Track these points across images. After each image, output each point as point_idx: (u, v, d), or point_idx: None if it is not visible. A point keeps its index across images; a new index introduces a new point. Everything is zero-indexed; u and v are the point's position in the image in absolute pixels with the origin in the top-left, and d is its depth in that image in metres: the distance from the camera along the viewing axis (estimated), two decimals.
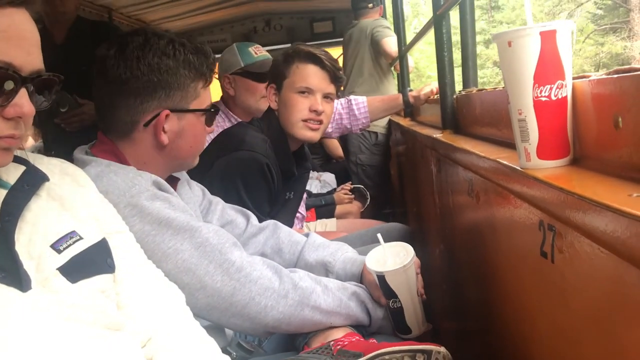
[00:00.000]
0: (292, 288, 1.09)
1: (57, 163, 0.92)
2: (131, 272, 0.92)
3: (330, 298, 1.12)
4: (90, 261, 0.83)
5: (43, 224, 0.80)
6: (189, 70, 1.15)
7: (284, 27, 5.51)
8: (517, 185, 0.87)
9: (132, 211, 1.03)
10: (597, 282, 0.66)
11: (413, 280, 1.21)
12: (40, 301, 0.74)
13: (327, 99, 1.84)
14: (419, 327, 1.23)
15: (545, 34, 0.79)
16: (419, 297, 1.22)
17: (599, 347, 0.68)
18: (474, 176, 1.25)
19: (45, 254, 0.78)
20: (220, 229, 1.12)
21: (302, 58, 1.81)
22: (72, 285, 0.78)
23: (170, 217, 1.05)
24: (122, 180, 1.06)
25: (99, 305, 0.81)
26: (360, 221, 2.72)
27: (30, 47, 0.75)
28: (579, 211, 0.64)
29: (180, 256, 1.04)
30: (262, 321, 1.07)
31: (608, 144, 0.74)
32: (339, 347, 1.07)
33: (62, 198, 0.86)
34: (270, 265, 1.11)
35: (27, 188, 0.80)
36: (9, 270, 0.73)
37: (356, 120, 2.51)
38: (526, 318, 0.97)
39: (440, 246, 1.88)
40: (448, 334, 1.94)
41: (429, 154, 1.93)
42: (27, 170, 0.83)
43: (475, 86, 1.73)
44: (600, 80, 0.75)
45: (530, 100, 0.81)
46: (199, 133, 1.19)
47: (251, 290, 1.06)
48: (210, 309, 1.05)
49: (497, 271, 1.15)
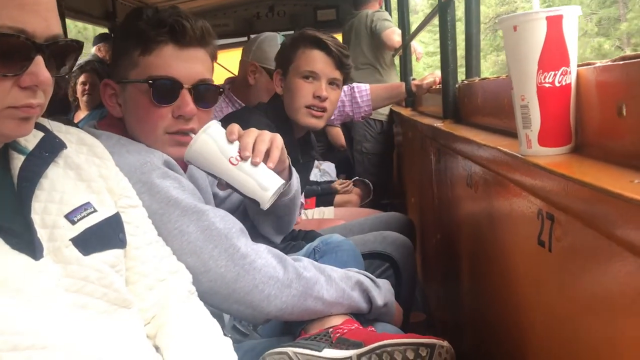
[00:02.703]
0: (296, 278, 1.07)
1: (75, 132, 0.91)
2: (142, 249, 0.92)
3: (333, 289, 1.11)
4: (103, 235, 0.82)
5: (59, 193, 0.79)
6: (128, 36, 1.13)
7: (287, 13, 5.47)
8: (517, 173, 0.86)
9: (142, 188, 1.02)
10: (596, 270, 0.66)
11: (215, 150, 1.05)
12: (52, 270, 0.73)
13: (333, 85, 1.81)
14: (263, 195, 1.05)
15: (551, 18, 0.77)
16: (245, 162, 1.05)
17: (597, 336, 0.67)
18: (473, 165, 1.24)
19: (59, 224, 0.77)
20: (227, 214, 1.10)
21: (308, 43, 1.78)
22: (84, 257, 0.77)
23: (178, 198, 1.05)
24: (134, 157, 1.05)
25: (109, 280, 0.80)
26: (358, 210, 2.71)
27: (47, 12, 0.72)
28: (579, 198, 0.63)
29: (185, 238, 1.03)
30: (265, 309, 1.06)
31: (611, 131, 0.73)
32: (339, 334, 1.06)
33: (79, 167, 0.85)
34: (275, 254, 1.10)
35: (45, 155, 0.79)
36: (23, 237, 0.72)
37: (358, 108, 2.49)
38: (523, 308, 0.97)
39: (437, 236, 1.88)
40: (444, 324, 1.95)
41: (428, 144, 1.92)
42: (46, 136, 0.82)
43: (478, 76, 1.71)
44: (605, 67, 0.74)
45: (534, 86, 0.79)
46: (142, 107, 1.11)
47: (255, 277, 1.05)
48: (212, 294, 1.05)
49: (494, 261, 1.14)
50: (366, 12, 3.69)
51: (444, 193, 1.71)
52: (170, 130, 1.12)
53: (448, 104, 1.73)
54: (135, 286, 0.90)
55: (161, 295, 0.93)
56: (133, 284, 0.90)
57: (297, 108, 1.78)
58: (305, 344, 1.05)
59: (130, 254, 0.90)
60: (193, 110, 1.11)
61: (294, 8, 5.44)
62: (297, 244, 1.73)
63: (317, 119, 1.80)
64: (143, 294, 0.91)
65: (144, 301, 0.90)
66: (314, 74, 1.77)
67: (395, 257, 1.71)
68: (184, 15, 1.10)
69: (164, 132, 1.12)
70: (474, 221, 1.31)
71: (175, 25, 1.08)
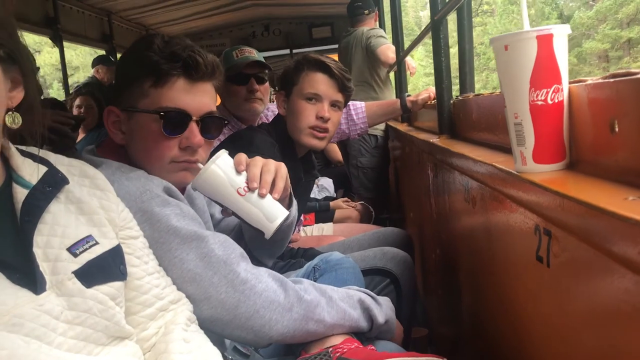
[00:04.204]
0: (297, 301, 1.07)
1: (77, 165, 0.92)
2: (143, 279, 0.92)
3: (334, 310, 1.11)
4: (104, 267, 0.83)
5: (61, 227, 0.80)
6: (138, 66, 1.13)
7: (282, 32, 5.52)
8: (513, 189, 0.87)
9: (143, 217, 1.02)
10: (593, 286, 0.66)
11: (224, 181, 1.09)
12: (54, 303, 0.73)
13: (335, 107, 1.86)
14: (268, 226, 1.09)
15: (542, 37, 0.79)
16: (252, 193, 1.09)
17: (596, 351, 0.67)
18: (470, 181, 1.25)
19: (61, 257, 0.77)
20: (227, 239, 1.10)
21: (312, 66, 1.83)
22: (86, 289, 0.78)
23: (178, 227, 1.05)
24: (134, 185, 1.05)
25: (111, 312, 0.81)
26: (357, 226, 2.72)
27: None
28: (575, 215, 0.64)
29: (185, 266, 1.03)
30: (267, 334, 1.05)
31: (604, 148, 0.74)
32: (338, 354, 1.05)
33: (81, 201, 0.85)
34: (275, 277, 1.09)
35: (48, 190, 0.80)
36: (25, 271, 0.72)
37: (354, 125, 2.52)
38: (522, 323, 0.97)
39: (437, 251, 1.88)
40: (444, 339, 1.94)
41: (425, 159, 1.93)
42: (49, 171, 0.83)
43: (472, 91, 1.73)
44: (596, 85, 0.75)
45: (527, 104, 0.81)
46: (151, 137, 1.12)
47: (256, 302, 1.04)
48: (213, 320, 1.04)
49: (493, 276, 1.14)
50: (362, 29, 3.72)
51: (442, 208, 1.72)
52: (177, 160, 1.14)
53: (443, 120, 1.75)
54: (136, 316, 0.90)
55: (162, 324, 0.93)
56: (134, 314, 0.90)
57: (301, 129, 1.82)
58: None
59: (132, 284, 0.90)
60: (201, 141, 1.14)
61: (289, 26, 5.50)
62: (297, 261, 1.73)
63: (319, 140, 1.84)
64: (144, 324, 0.91)
65: (144, 330, 0.91)
66: (317, 95, 1.81)
67: (395, 273, 1.71)
68: (196, 50, 1.13)
69: (171, 161, 1.14)
70: (473, 236, 1.31)
71: (189, 61, 1.11)
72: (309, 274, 1.43)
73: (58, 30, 4.10)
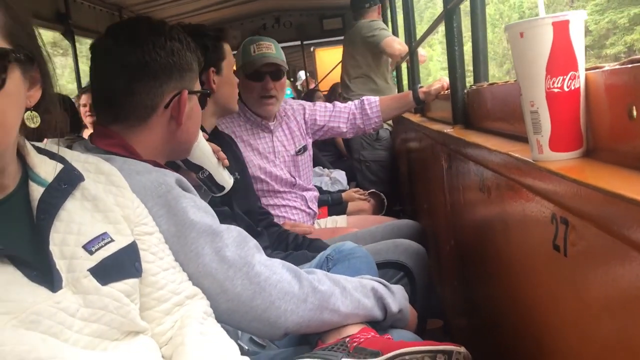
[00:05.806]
0: (311, 292, 1.08)
1: (94, 161, 0.92)
2: (159, 275, 0.93)
3: (348, 300, 1.11)
4: (120, 264, 0.83)
5: (76, 224, 0.80)
6: (191, 52, 1.22)
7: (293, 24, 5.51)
8: (529, 178, 0.86)
9: (160, 210, 1.03)
10: (611, 274, 0.66)
11: (208, 150, 1.40)
12: (71, 301, 0.74)
13: None
14: (227, 182, 1.45)
15: (557, 24, 0.78)
16: (217, 160, 1.43)
17: (613, 341, 0.67)
18: (485, 171, 1.24)
19: (77, 254, 0.78)
20: (241, 232, 1.11)
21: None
22: (102, 287, 0.78)
23: (194, 220, 1.05)
24: (146, 178, 1.05)
25: (126, 309, 0.81)
26: (371, 218, 2.71)
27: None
28: (593, 203, 0.63)
29: (200, 260, 1.04)
30: (282, 325, 1.06)
31: (622, 135, 0.73)
32: (355, 344, 1.05)
33: (96, 199, 0.86)
34: (289, 268, 1.10)
35: (64, 187, 0.81)
36: (42, 269, 0.73)
37: (369, 120, 2.52)
38: (539, 313, 0.97)
39: (451, 242, 1.87)
40: (460, 330, 1.94)
41: (439, 149, 1.92)
42: (65, 168, 0.83)
43: (486, 80, 1.71)
44: (613, 71, 0.74)
45: (543, 91, 0.80)
46: (199, 115, 1.27)
47: (271, 294, 1.05)
48: (230, 313, 1.05)
49: (509, 266, 1.14)
50: (362, 22, 3.71)
51: (456, 199, 1.71)
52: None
53: (457, 110, 1.73)
54: (152, 311, 0.91)
55: (178, 318, 0.94)
56: (150, 309, 0.91)
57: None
58: (322, 355, 1.05)
59: (147, 280, 0.90)
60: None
61: (300, 18, 5.48)
62: (301, 253, 1.73)
63: None
64: (160, 319, 0.92)
65: (160, 325, 0.91)
66: None
67: (409, 266, 1.71)
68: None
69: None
70: (488, 226, 1.30)
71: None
72: (322, 263, 1.44)
73: (70, 25, 4.12)
